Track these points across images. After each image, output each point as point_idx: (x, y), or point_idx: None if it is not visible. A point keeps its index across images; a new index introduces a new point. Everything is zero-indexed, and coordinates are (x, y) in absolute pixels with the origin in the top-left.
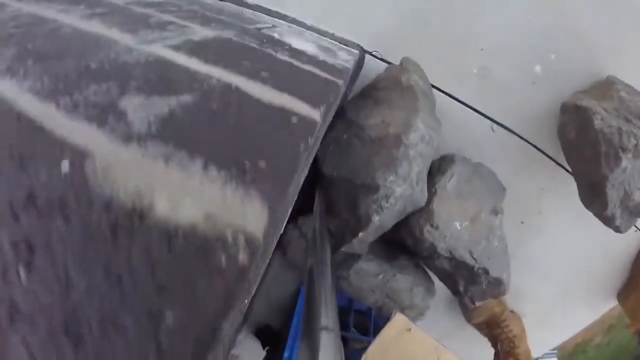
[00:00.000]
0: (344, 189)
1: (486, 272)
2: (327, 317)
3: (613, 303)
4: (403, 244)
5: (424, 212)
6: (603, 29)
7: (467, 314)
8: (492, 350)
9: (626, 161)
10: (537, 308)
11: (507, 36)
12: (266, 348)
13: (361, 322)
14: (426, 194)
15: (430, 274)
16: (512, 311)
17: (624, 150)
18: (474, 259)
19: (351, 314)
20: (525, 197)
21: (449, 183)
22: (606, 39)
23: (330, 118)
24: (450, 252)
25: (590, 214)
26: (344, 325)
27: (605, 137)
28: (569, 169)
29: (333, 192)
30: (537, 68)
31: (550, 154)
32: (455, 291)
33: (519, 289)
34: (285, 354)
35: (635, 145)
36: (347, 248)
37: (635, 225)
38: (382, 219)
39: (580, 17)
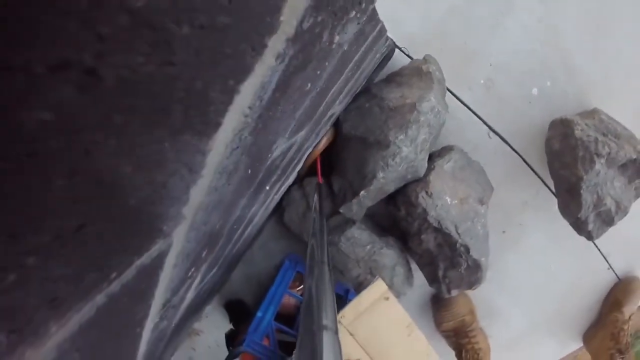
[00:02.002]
0: (356, 148)
1: (467, 250)
2: (327, 317)
3: (580, 343)
4: (395, 219)
5: (421, 182)
6: (596, 69)
7: (438, 317)
8: None
9: (599, 165)
10: (505, 331)
11: (513, 58)
12: (231, 322)
13: (338, 306)
14: (426, 164)
15: (413, 266)
16: (481, 328)
17: (598, 155)
18: (458, 234)
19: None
20: (509, 206)
21: (446, 165)
22: (597, 77)
23: None
24: (439, 222)
25: (566, 244)
26: None
27: (583, 144)
28: (551, 188)
29: (345, 152)
30: (534, 90)
31: (536, 170)
32: (434, 279)
33: (492, 306)
34: (259, 314)
35: (609, 153)
36: (345, 209)
37: (607, 261)
38: (385, 178)
39: (577, 56)
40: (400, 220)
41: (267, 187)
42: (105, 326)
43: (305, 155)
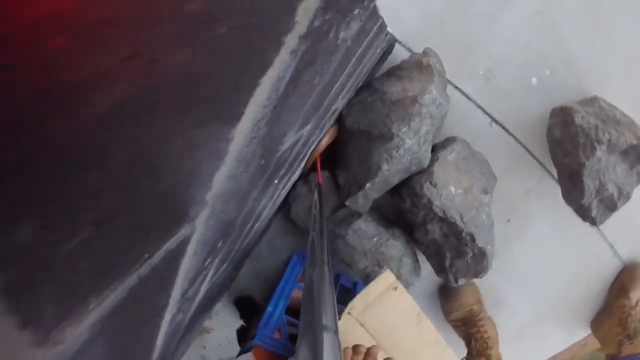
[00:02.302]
0: (360, 141)
1: (473, 238)
2: (327, 317)
3: (587, 331)
4: (400, 211)
5: (425, 173)
6: (595, 56)
7: (447, 307)
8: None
9: (600, 152)
10: (512, 320)
11: (512, 49)
12: (241, 319)
13: (346, 299)
14: (429, 155)
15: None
16: (489, 317)
17: (599, 142)
18: (464, 223)
19: (337, 288)
20: (513, 195)
21: (449, 155)
22: (596, 65)
23: None
24: (444, 212)
25: (571, 231)
26: None
27: (584, 131)
28: (554, 175)
29: (349, 146)
30: (533, 80)
31: (539, 159)
32: (441, 269)
33: (498, 295)
34: (269, 308)
35: (609, 140)
36: (351, 202)
37: (612, 248)
38: (390, 170)
39: (575, 44)
40: (406, 212)
41: (276, 181)
42: (131, 312)
43: (311, 150)
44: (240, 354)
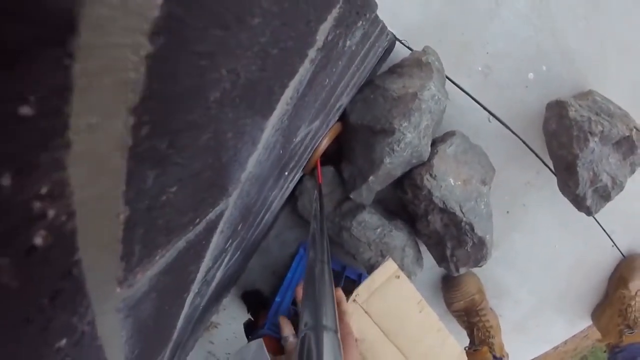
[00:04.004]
0: (364, 136)
1: (472, 228)
2: (327, 317)
3: (588, 322)
4: (402, 203)
5: (425, 165)
6: (591, 51)
7: (449, 297)
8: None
9: (593, 143)
10: (514, 311)
11: (509, 45)
12: (249, 312)
13: (351, 290)
14: (429, 149)
15: (422, 248)
16: (490, 307)
17: (592, 134)
18: (463, 212)
19: (342, 279)
20: (512, 187)
21: (449, 149)
22: (592, 60)
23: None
24: (444, 203)
25: (570, 223)
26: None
27: (577, 124)
28: (552, 168)
29: (353, 140)
30: (530, 75)
31: (536, 151)
32: (442, 258)
33: (499, 285)
34: (277, 299)
35: (602, 131)
36: (355, 195)
37: (611, 239)
38: (392, 163)
39: (572, 40)
40: (408, 204)
41: (286, 173)
42: (171, 276)
43: (315, 146)
44: (250, 340)
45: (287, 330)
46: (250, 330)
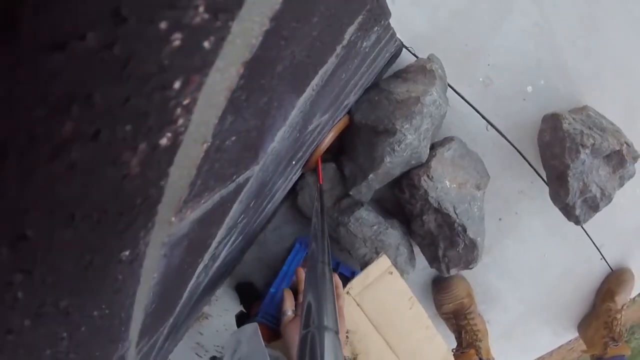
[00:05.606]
0: (366, 135)
1: (464, 229)
2: (328, 317)
3: (574, 333)
4: (399, 204)
5: (423, 166)
6: (588, 68)
7: (438, 300)
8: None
9: (584, 155)
10: (502, 317)
11: (509, 58)
12: (241, 304)
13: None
14: (428, 151)
15: (415, 250)
16: (479, 313)
17: (583, 146)
18: (456, 214)
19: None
20: (505, 195)
21: (447, 152)
22: (589, 77)
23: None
24: (439, 203)
25: (560, 235)
26: None
27: (570, 136)
28: (544, 179)
29: (356, 138)
30: (529, 88)
31: (530, 161)
32: (434, 258)
33: (489, 291)
34: (272, 290)
35: (593, 144)
36: (355, 191)
37: (600, 252)
38: (392, 162)
39: (570, 56)
40: (404, 203)
41: (294, 162)
42: (199, 231)
43: (320, 142)
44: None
45: (289, 304)
46: (242, 322)
